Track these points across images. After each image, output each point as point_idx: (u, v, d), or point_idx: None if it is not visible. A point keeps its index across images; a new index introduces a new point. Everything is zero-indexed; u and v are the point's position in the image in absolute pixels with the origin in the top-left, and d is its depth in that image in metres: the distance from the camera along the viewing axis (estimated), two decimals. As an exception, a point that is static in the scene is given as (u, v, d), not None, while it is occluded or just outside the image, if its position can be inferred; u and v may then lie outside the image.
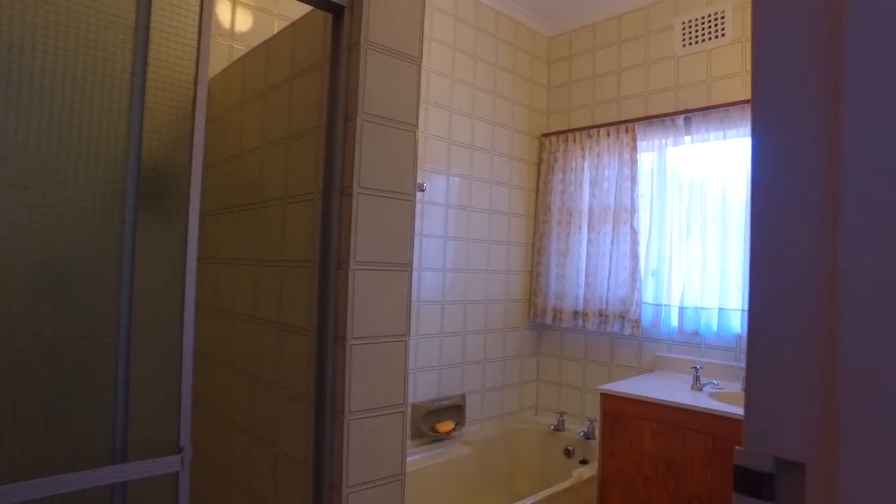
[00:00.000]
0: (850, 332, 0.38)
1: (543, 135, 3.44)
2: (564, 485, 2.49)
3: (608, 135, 3.07)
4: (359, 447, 1.30)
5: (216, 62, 2.07)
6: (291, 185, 1.52)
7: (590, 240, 3.11)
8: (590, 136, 3.16)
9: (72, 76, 1.03)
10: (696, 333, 2.72)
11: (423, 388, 2.79)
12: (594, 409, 3.06)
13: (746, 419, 0.43)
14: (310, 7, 1.35)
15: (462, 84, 2.99)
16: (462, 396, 2.95)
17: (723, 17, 2.74)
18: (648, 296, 2.90)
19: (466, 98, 3.01)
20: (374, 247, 1.32)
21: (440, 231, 2.87)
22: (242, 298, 1.75)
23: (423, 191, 2.77)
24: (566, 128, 3.36)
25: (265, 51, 1.73)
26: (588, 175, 3.16)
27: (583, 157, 3.18)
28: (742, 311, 2.57)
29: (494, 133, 3.17)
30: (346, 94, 1.32)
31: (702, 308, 2.67)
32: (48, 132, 1.02)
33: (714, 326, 2.65)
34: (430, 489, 2.66)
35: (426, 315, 2.80)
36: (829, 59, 0.39)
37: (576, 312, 3.14)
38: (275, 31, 2.28)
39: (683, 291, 2.75)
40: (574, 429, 3.09)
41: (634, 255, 2.89)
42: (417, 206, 2.69)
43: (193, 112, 1.16)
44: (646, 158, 3.00)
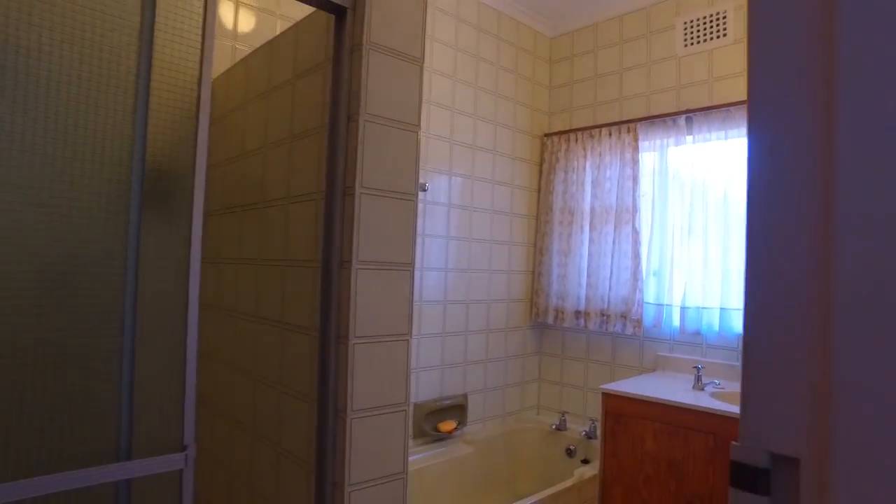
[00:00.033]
0: (844, 331, 0.38)
1: (545, 135, 3.44)
2: (566, 484, 2.49)
3: (610, 135, 3.07)
4: (361, 446, 1.30)
5: (219, 63, 2.08)
6: (294, 185, 1.53)
7: (591, 240, 3.11)
8: (591, 136, 3.16)
9: (77, 78, 1.05)
10: (698, 333, 2.72)
11: (426, 388, 2.79)
12: (596, 409, 3.07)
13: (742, 416, 0.44)
14: (312, 8, 1.36)
15: (464, 84, 2.99)
16: (464, 396, 2.96)
17: (724, 17, 2.75)
18: (650, 296, 2.91)
19: (468, 98, 3.01)
20: (377, 246, 1.33)
21: (442, 231, 2.88)
22: (245, 298, 1.76)
23: (426, 191, 2.78)
24: (568, 128, 3.37)
25: (268, 51, 1.74)
26: (590, 175, 3.17)
27: (584, 157, 3.19)
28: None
29: (496, 133, 3.18)
30: (349, 95, 1.33)
31: (703, 308, 2.68)
32: (54, 133, 1.03)
33: (716, 326, 2.65)
34: (432, 488, 2.66)
35: (428, 315, 2.81)
36: (824, 61, 0.40)
37: (577, 312, 3.14)
38: (277, 32, 2.29)
39: (685, 291, 2.75)
40: (576, 428, 3.10)
41: (636, 255, 2.89)
42: (420, 206, 2.70)
43: (197, 113, 1.17)
44: (647, 158, 3.00)
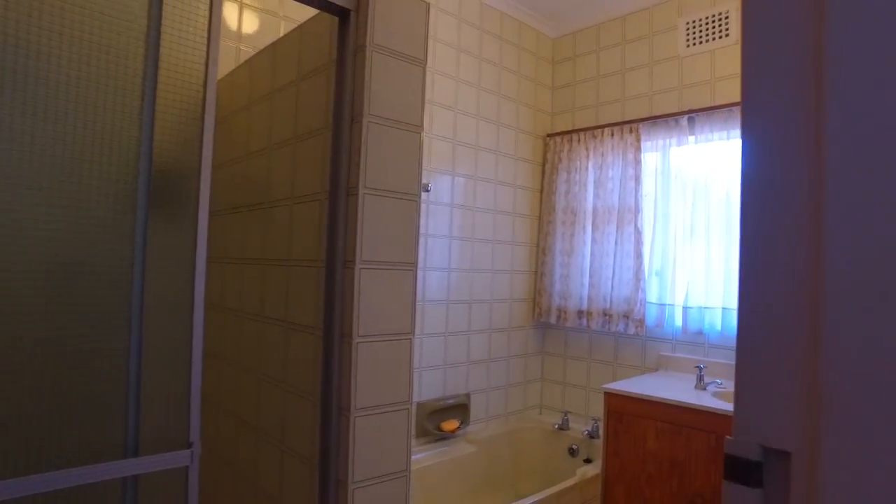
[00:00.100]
0: (833, 328, 0.39)
1: (548, 135, 3.45)
2: (568, 483, 2.50)
3: (612, 135, 3.08)
4: (364, 444, 1.32)
5: (223, 64, 2.10)
6: (298, 186, 1.55)
7: (594, 240, 3.12)
8: (594, 137, 3.17)
9: (85, 80, 1.06)
10: (700, 333, 2.73)
11: (428, 387, 2.80)
12: (598, 409, 3.07)
13: (736, 410, 0.45)
14: (316, 10, 1.37)
15: (467, 85, 3.00)
16: (467, 395, 2.97)
17: (727, 18, 2.75)
18: (652, 295, 2.91)
19: (471, 99, 3.02)
20: (380, 246, 1.34)
21: (445, 231, 2.89)
22: (250, 297, 1.77)
23: (428, 191, 2.79)
24: (570, 128, 3.37)
25: (272, 53, 1.75)
26: (592, 175, 3.17)
27: (587, 158, 3.19)
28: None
29: (499, 133, 3.19)
30: (352, 96, 1.34)
31: (705, 308, 2.68)
32: (63, 134, 1.04)
33: (718, 326, 2.65)
34: (435, 487, 2.67)
35: (431, 314, 2.82)
36: (814, 63, 0.41)
37: (580, 312, 3.15)
38: (281, 34, 2.30)
39: (687, 291, 2.76)
40: (578, 428, 3.11)
41: (638, 255, 2.90)
42: (422, 206, 2.71)
43: (203, 114, 1.18)
44: (650, 158, 3.01)
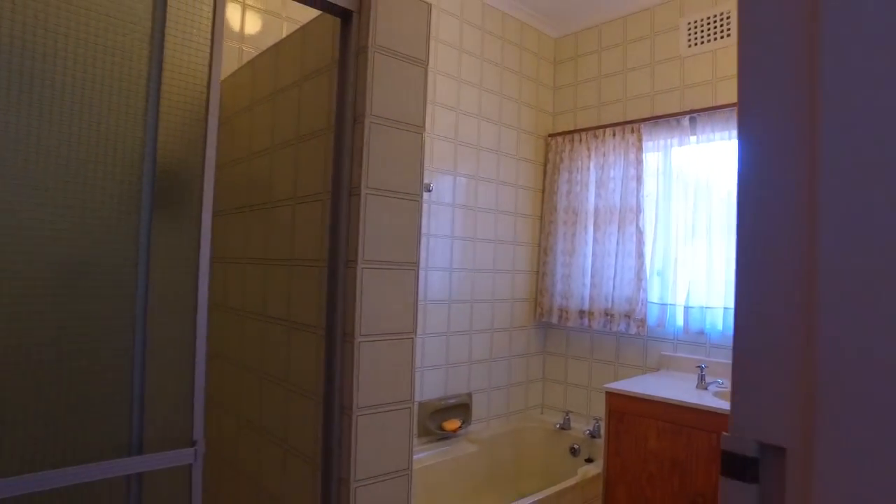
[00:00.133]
0: (828, 328, 0.40)
1: (549, 135, 3.45)
2: (570, 483, 2.50)
3: (614, 135, 3.08)
4: (366, 442, 1.32)
5: (226, 65, 2.10)
6: (301, 186, 1.55)
7: (595, 239, 3.12)
8: (595, 137, 3.17)
9: (90, 81, 1.07)
10: (702, 333, 2.73)
11: (430, 387, 2.81)
12: (600, 408, 3.08)
13: (732, 407, 0.46)
14: (318, 11, 1.38)
15: (468, 85, 3.01)
16: (468, 395, 2.97)
17: (728, 18, 2.75)
18: (654, 295, 2.92)
19: (473, 99, 3.03)
20: (382, 246, 1.35)
21: (447, 231, 2.90)
22: (252, 297, 1.78)
23: (430, 191, 2.80)
24: (572, 128, 3.38)
25: (274, 54, 1.76)
26: (594, 175, 3.18)
27: (588, 158, 3.20)
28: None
29: (501, 133, 3.19)
30: (355, 97, 1.35)
31: (707, 307, 2.69)
32: (68, 135, 1.05)
33: (719, 326, 2.66)
34: (437, 486, 2.68)
35: (433, 314, 2.83)
36: (809, 66, 0.41)
37: (581, 312, 3.16)
38: (283, 34, 2.31)
39: (689, 291, 2.76)
40: (580, 427, 3.11)
41: (640, 255, 2.90)
42: (424, 206, 2.72)
43: (206, 115, 1.19)
44: (651, 158, 3.01)
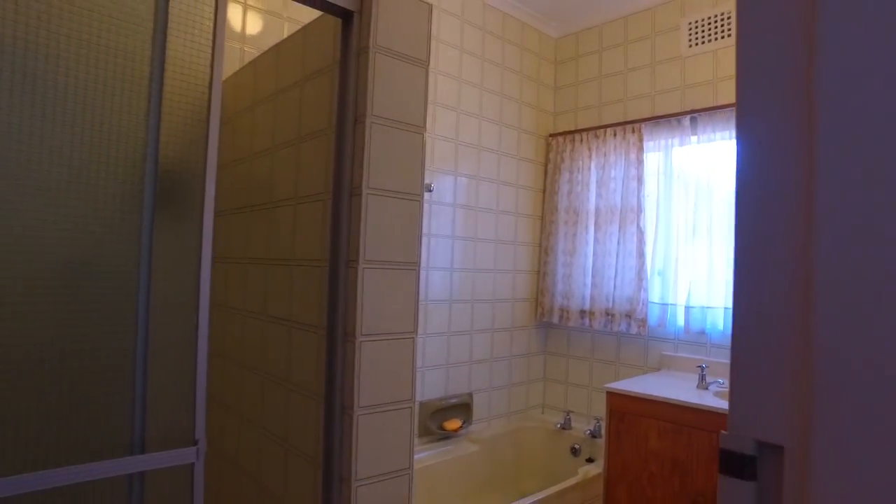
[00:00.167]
0: (825, 327, 0.41)
1: (550, 135, 3.46)
2: (570, 482, 2.51)
3: (615, 135, 3.09)
4: (367, 442, 1.33)
5: (227, 65, 2.11)
6: (302, 186, 1.56)
7: (596, 239, 3.12)
8: (596, 137, 3.18)
9: (93, 82, 1.08)
10: (703, 332, 2.73)
11: (431, 387, 2.82)
12: (600, 408, 3.08)
13: (731, 406, 0.46)
14: (320, 11, 1.38)
15: (469, 85, 3.01)
16: (469, 395, 2.98)
17: (729, 18, 2.75)
18: (655, 295, 2.92)
19: (474, 99, 3.03)
20: (383, 246, 1.35)
21: (448, 231, 2.90)
22: (253, 297, 1.79)
23: (431, 191, 2.80)
24: (573, 128, 3.38)
25: (276, 54, 1.76)
26: (595, 175, 3.18)
27: (589, 158, 3.20)
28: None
29: (501, 134, 3.20)
30: (356, 97, 1.35)
31: (708, 307, 2.69)
32: (71, 136, 1.06)
33: (720, 325, 2.66)
34: (438, 486, 2.69)
35: (434, 314, 2.83)
36: (806, 66, 0.42)
37: (582, 312, 3.16)
38: (284, 35, 2.32)
39: (690, 291, 2.76)
40: (580, 427, 3.11)
41: (641, 255, 2.91)
42: (425, 206, 2.72)
43: (208, 116, 1.19)
44: (652, 158, 3.01)
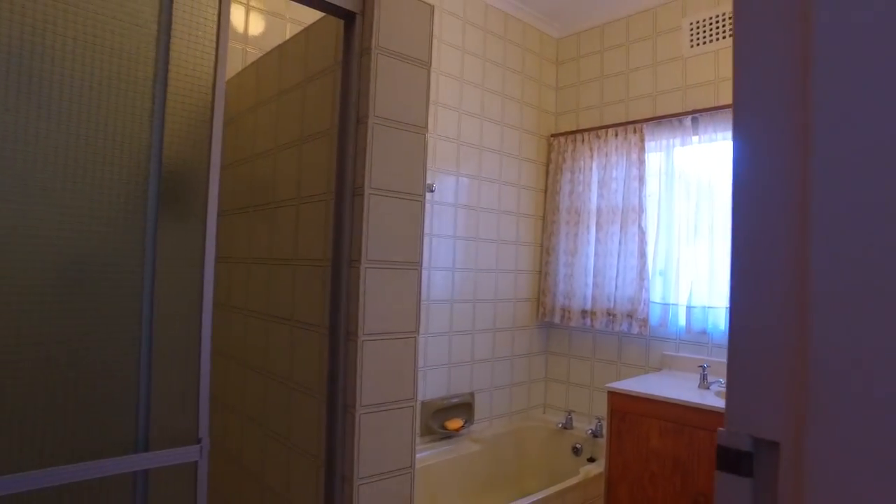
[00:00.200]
0: (820, 324, 0.41)
1: (552, 135, 3.46)
2: (572, 482, 2.51)
3: (616, 135, 3.09)
4: (369, 440, 1.33)
5: (230, 66, 2.11)
6: (304, 186, 1.57)
7: (598, 239, 3.13)
8: (598, 137, 3.18)
9: (98, 83, 1.09)
10: (704, 332, 2.73)
11: (433, 386, 2.82)
12: (602, 408, 3.09)
13: (728, 403, 0.47)
14: (322, 13, 1.39)
15: (471, 85, 3.02)
16: (471, 394, 2.98)
17: (730, 18, 2.74)
18: (656, 295, 2.92)
19: (475, 99, 3.04)
20: (385, 246, 1.36)
21: (449, 231, 2.91)
22: (256, 296, 1.79)
23: (433, 191, 2.81)
24: (575, 128, 3.38)
25: (278, 55, 1.77)
26: (596, 175, 3.18)
27: (591, 158, 3.20)
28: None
29: (503, 134, 3.20)
30: (358, 98, 1.36)
31: (709, 307, 2.69)
32: (76, 136, 1.07)
33: (721, 325, 2.66)
34: (440, 485, 2.69)
35: (436, 313, 2.84)
36: (802, 68, 0.42)
37: (584, 311, 3.16)
38: (287, 36, 2.33)
39: (691, 291, 2.76)
40: (582, 427, 3.12)
41: (642, 255, 2.91)
42: (427, 207, 2.73)
43: (212, 116, 1.20)
44: (654, 158, 3.01)
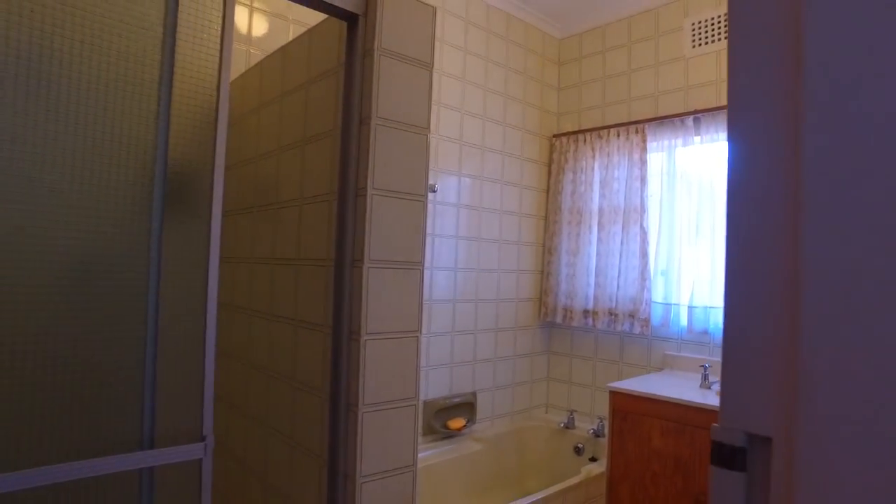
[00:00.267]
0: (810, 323, 0.42)
1: (554, 136, 3.47)
2: (573, 481, 2.52)
3: (618, 135, 3.09)
4: (372, 439, 1.35)
5: (234, 67, 2.12)
6: (307, 187, 1.58)
7: (600, 239, 3.13)
8: (600, 137, 3.19)
9: (105, 86, 1.10)
10: (705, 332, 2.74)
11: (435, 386, 2.83)
12: (604, 407, 3.09)
13: (722, 399, 0.48)
14: (325, 14, 1.40)
15: (473, 86, 3.03)
16: (473, 394, 2.99)
17: (732, 19, 2.76)
18: (658, 295, 2.93)
19: (478, 100, 3.05)
20: (388, 246, 1.37)
21: (452, 231, 2.92)
22: (260, 296, 1.81)
23: (435, 192, 2.82)
24: (577, 129, 3.39)
25: (281, 56, 1.79)
26: (598, 175, 3.19)
27: (593, 158, 3.21)
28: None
29: (505, 134, 3.21)
30: (361, 99, 1.37)
31: (711, 307, 2.69)
32: (83, 138, 1.08)
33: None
34: (442, 484, 2.70)
35: (438, 313, 2.85)
36: (794, 71, 0.43)
37: (586, 311, 3.17)
38: (290, 37, 2.34)
39: (693, 291, 2.77)
40: (584, 426, 3.13)
41: (644, 255, 2.91)
42: (429, 207, 2.74)
43: (216, 118, 1.22)
44: (655, 159, 3.02)
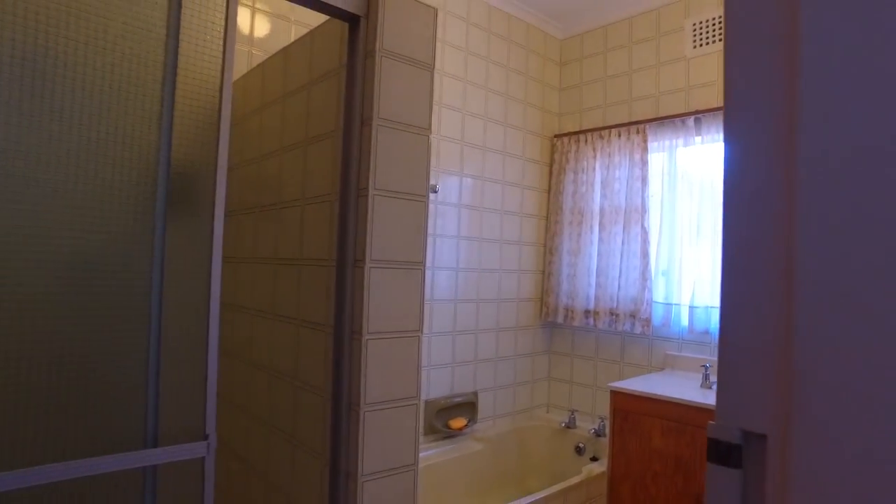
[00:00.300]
0: (805, 321, 0.43)
1: (555, 136, 3.47)
2: (574, 481, 2.52)
3: (619, 136, 3.10)
4: (373, 438, 1.35)
5: (236, 68, 2.14)
6: (309, 187, 1.59)
7: (601, 239, 3.14)
8: (601, 137, 3.19)
9: (108, 87, 1.11)
10: (706, 332, 2.74)
11: (437, 385, 2.84)
12: (605, 407, 3.10)
13: (718, 397, 0.48)
14: (327, 16, 1.41)
15: (474, 86, 3.03)
16: (474, 393, 3.00)
17: (733, 19, 2.76)
18: (659, 295, 2.93)
19: (479, 100, 3.06)
20: (389, 246, 1.38)
21: (453, 231, 2.92)
22: (262, 296, 1.82)
23: (436, 192, 2.82)
24: (578, 129, 3.40)
25: (283, 57, 1.79)
26: (599, 175, 3.19)
27: (594, 158, 3.22)
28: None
29: (506, 134, 3.22)
30: (362, 100, 1.38)
31: (712, 307, 2.70)
32: (87, 139, 1.09)
33: (724, 325, 2.67)
34: (443, 484, 2.71)
35: (439, 313, 2.86)
36: (789, 73, 0.44)
37: (587, 311, 3.17)
38: (292, 38, 2.35)
39: (694, 291, 2.77)
40: (585, 426, 3.13)
41: (645, 255, 2.92)
42: (431, 207, 2.75)
43: (219, 119, 1.22)
44: (656, 159, 3.02)
